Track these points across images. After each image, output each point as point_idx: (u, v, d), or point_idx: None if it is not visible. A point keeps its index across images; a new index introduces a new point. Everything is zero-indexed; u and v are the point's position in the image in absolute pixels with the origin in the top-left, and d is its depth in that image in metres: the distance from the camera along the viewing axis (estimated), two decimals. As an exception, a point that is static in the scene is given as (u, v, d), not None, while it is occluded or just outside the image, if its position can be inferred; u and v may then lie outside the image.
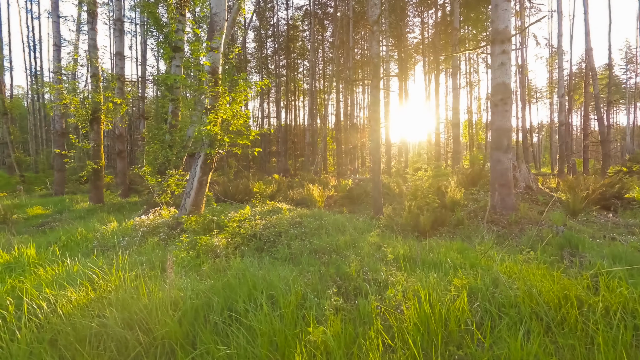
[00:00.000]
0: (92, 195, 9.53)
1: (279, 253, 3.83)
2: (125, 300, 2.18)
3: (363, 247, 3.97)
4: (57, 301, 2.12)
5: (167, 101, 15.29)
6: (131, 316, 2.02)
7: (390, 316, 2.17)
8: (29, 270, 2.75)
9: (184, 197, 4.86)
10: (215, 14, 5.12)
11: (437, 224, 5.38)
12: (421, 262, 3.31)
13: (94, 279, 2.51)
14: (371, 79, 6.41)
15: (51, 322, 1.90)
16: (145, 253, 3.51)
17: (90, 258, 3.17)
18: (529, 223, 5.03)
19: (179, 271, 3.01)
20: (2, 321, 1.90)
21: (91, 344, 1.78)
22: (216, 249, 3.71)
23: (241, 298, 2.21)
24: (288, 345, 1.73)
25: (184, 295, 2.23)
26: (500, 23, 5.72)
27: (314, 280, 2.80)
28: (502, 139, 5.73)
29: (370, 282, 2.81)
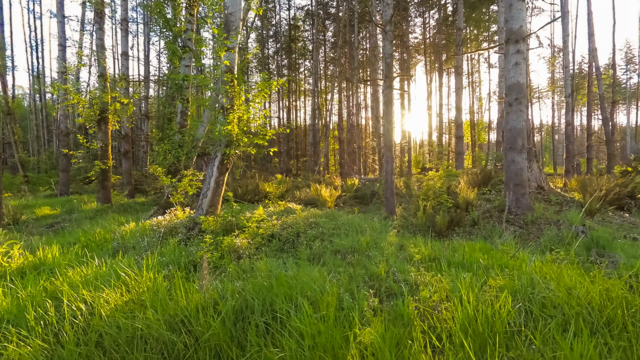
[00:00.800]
0: (99, 195, 9.50)
1: (300, 253, 3.81)
2: (164, 302, 2.16)
3: (384, 247, 3.96)
4: (94, 302, 2.10)
5: (170, 101, 15.25)
6: (171, 318, 2.00)
7: (430, 317, 2.16)
8: (57, 271, 2.73)
9: (200, 197, 4.84)
10: (231, 14, 5.10)
11: (452, 224, 5.37)
12: (447, 263, 3.30)
13: (126, 280, 2.49)
14: (384, 78, 6.39)
15: (93, 324, 1.88)
16: (168, 254, 3.48)
17: (115, 259, 3.14)
18: (546, 223, 5.02)
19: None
20: (43, 323, 1.88)
21: (138, 345, 1.76)
22: (238, 249, 3.69)
23: (279, 299, 2.19)
24: (337, 347, 1.71)
25: (222, 297, 2.21)
26: (515, 23, 5.71)
27: (344, 281, 2.78)
28: (517, 138, 5.73)
29: (400, 282, 2.80)
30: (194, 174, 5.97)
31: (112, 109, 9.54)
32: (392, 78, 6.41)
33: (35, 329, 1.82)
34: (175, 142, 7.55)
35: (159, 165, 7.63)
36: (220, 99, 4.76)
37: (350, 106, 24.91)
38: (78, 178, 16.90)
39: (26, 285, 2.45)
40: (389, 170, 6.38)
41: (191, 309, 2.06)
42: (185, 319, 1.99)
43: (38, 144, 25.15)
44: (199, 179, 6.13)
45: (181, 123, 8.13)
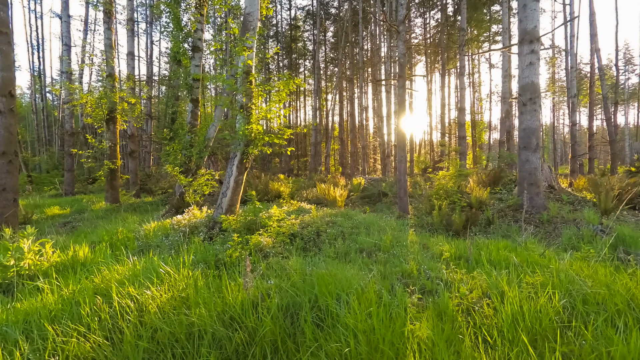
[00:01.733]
0: (108, 195, 9.49)
1: (325, 252, 3.84)
2: (208, 298, 2.18)
3: (408, 245, 3.99)
4: (142, 299, 2.12)
5: (173, 101, 15.23)
6: (220, 314, 2.02)
7: (473, 313, 2.19)
8: (95, 269, 2.74)
9: (220, 196, 4.85)
10: (249, 14, 5.12)
11: (468, 223, 5.41)
12: (474, 261, 3.34)
13: (164, 277, 2.51)
14: (397, 78, 6.43)
15: (148, 319, 1.90)
16: (195, 252, 3.50)
17: (144, 257, 3.15)
18: (562, 222, 5.06)
19: (236, 270, 3.02)
20: (97, 320, 1.90)
21: (196, 340, 1.78)
22: (264, 248, 3.71)
23: (322, 296, 2.21)
24: (396, 342, 1.74)
25: (266, 294, 2.23)
26: (529, 23, 5.76)
27: (378, 278, 2.81)
28: (531, 138, 5.78)
29: (432, 280, 2.83)
30: (210, 173, 5.98)
31: (120, 109, 9.53)
32: (405, 78, 6.45)
33: (91, 326, 1.83)
34: (186, 142, 7.56)
35: (170, 165, 7.64)
36: (240, 98, 4.78)
37: (352, 106, 24.96)
38: (82, 178, 16.85)
39: (67, 282, 2.46)
40: (402, 170, 6.41)
41: (238, 305, 2.08)
42: (236, 315, 2.01)
43: (39, 144, 25.03)
44: (214, 178, 6.13)
45: (191, 123, 8.14)
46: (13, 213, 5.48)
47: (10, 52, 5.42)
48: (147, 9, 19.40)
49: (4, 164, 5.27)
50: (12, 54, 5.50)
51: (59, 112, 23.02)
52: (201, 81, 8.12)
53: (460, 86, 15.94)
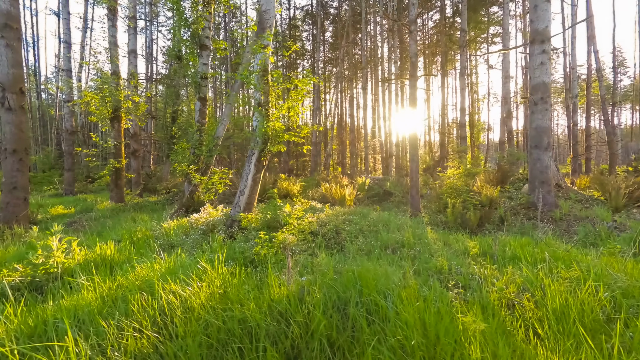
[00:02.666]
0: (113, 194, 9.38)
1: (349, 249, 3.85)
2: (251, 295, 2.18)
3: (430, 243, 4.02)
4: (186, 295, 2.10)
5: (174, 100, 15.11)
6: (268, 309, 2.02)
7: (514, 307, 2.22)
8: (127, 267, 2.72)
9: (237, 194, 4.83)
10: (266, 11, 5.11)
11: (482, 221, 5.46)
12: (499, 257, 3.37)
13: (201, 274, 2.50)
14: (409, 77, 6.46)
15: (201, 315, 1.89)
16: (220, 250, 3.48)
17: (174, 255, 3.13)
18: (575, 220, 5.13)
19: (267, 268, 3.01)
20: (146, 315, 1.89)
21: (250, 337, 1.77)
22: (289, 245, 3.71)
23: (367, 291, 2.22)
24: (455, 335, 1.75)
25: (310, 289, 2.23)
26: (540, 23, 5.83)
27: (410, 274, 2.82)
28: (542, 137, 5.85)
29: (464, 275, 2.85)
30: (224, 172, 5.95)
31: (125, 107, 9.44)
32: (417, 77, 6.49)
33: (142, 322, 1.82)
34: (195, 141, 7.51)
35: (178, 164, 7.59)
36: (259, 96, 4.77)
37: (351, 106, 25.00)
38: (80, 177, 16.64)
39: (104, 279, 2.43)
40: (414, 169, 6.44)
41: (284, 300, 2.08)
42: (283, 310, 2.01)
43: (34, 143, 24.67)
44: (228, 177, 6.10)
45: (199, 121, 8.09)
46: (23, 211, 5.41)
47: (20, 49, 5.34)
48: (146, 6, 19.23)
49: (15, 162, 5.20)
50: (22, 50, 5.42)
51: (55, 111, 22.72)
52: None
53: (461, 86, 16.07)
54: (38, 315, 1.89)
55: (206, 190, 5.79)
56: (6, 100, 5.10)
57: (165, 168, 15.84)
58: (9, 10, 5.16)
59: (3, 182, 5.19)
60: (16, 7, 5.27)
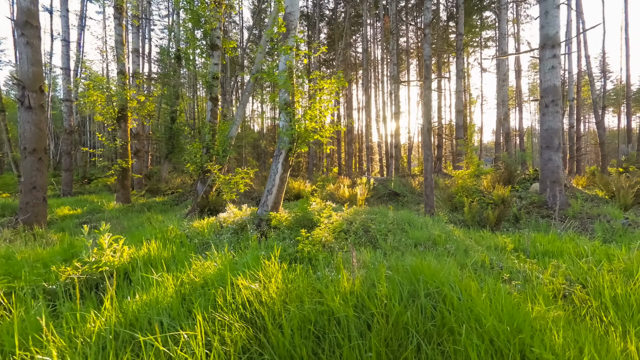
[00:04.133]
0: (119, 195, 9.26)
1: (384, 246, 3.94)
2: (319, 290, 2.25)
3: (458, 240, 4.15)
4: (260, 291, 2.16)
5: (174, 100, 14.97)
6: (345, 303, 2.09)
7: (567, 296, 2.35)
8: (184, 263, 2.75)
9: (265, 194, 4.88)
10: (290, 13, 5.17)
11: (499, 219, 5.63)
12: (532, 252, 3.52)
13: (262, 270, 2.55)
14: (424, 80, 6.60)
15: (277, 309, 1.95)
16: (257, 248, 3.53)
17: (223, 253, 3.16)
18: (587, 217, 5.35)
19: (311, 265, 3.08)
20: (232, 309, 1.94)
21: (342, 329, 1.84)
22: (327, 243, 3.78)
23: (431, 283, 2.31)
24: (527, 322, 1.86)
25: (375, 283, 2.31)
26: (551, 29, 6.06)
27: (456, 268, 2.93)
28: (553, 138, 6.07)
29: (506, 269, 2.98)
30: (245, 171, 5.97)
31: (132, 107, 9.34)
32: (431, 80, 6.64)
33: (229, 316, 1.87)
34: (208, 141, 7.50)
35: (191, 163, 7.56)
36: (287, 97, 4.83)
37: (349, 108, 25.19)
38: (76, 178, 16.28)
39: (164, 276, 2.46)
40: (429, 169, 6.59)
41: (356, 293, 2.15)
42: (357, 303, 2.08)
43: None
44: (241, 177, 6.12)
45: (211, 121, 8.07)
46: (42, 212, 5.33)
47: (40, 47, 5.27)
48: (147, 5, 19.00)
49: (35, 161, 5.11)
50: (41, 48, 5.34)
51: (48, 110, 22.18)
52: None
53: (458, 89, 16.42)
54: (126, 310, 1.92)
55: (228, 190, 5.80)
56: (26, 99, 5.02)
57: (164, 168, 15.65)
58: (29, 7, 5.09)
59: (22, 182, 5.10)
60: (35, 5, 5.20)
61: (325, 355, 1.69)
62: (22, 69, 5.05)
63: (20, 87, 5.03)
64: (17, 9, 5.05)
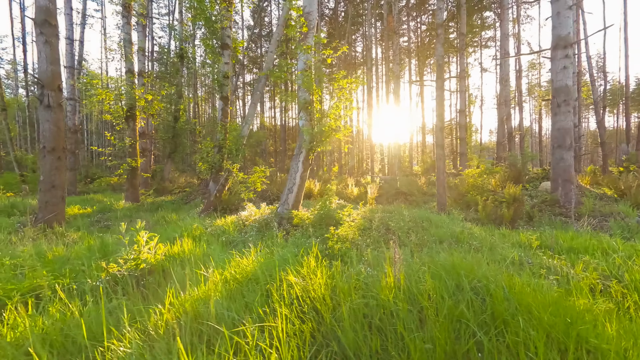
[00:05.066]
0: (128, 194, 9.24)
1: (408, 243, 4.00)
2: (366, 284, 2.30)
3: (480, 237, 4.21)
4: (309, 286, 2.21)
5: (177, 99, 14.93)
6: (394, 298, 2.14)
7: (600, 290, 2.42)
8: (224, 260, 2.78)
9: (285, 192, 4.92)
10: (309, 13, 5.21)
11: (514, 217, 5.71)
12: (556, 249, 3.59)
13: (298, 267, 2.59)
14: (436, 79, 6.67)
15: (326, 304, 2.00)
16: (290, 245, 3.57)
17: (258, 250, 3.20)
18: (601, 215, 5.45)
19: (348, 262, 3.13)
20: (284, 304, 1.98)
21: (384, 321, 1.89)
22: (354, 240, 3.83)
23: (471, 277, 2.37)
24: (575, 315, 1.92)
25: (417, 278, 2.37)
26: (563, 29, 6.15)
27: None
28: (565, 137, 6.17)
29: (535, 265, 3.05)
30: (262, 170, 6.00)
31: (140, 106, 9.32)
32: (444, 79, 6.71)
33: (282, 310, 1.91)
34: (221, 140, 7.52)
35: (203, 162, 7.58)
36: (307, 96, 4.87)
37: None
38: (79, 177, 16.19)
39: (215, 273, 2.49)
40: (441, 168, 6.66)
41: (402, 288, 2.20)
42: (405, 298, 2.13)
43: (25, 142, 23.82)
44: (260, 176, 6.15)
45: (222, 120, 8.09)
46: (61, 210, 5.33)
47: (58, 46, 5.26)
48: (148, 3, 18.91)
49: (54, 160, 5.11)
50: (58, 47, 5.34)
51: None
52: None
53: (460, 89, 16.54)
54: (183, 304, 1.96)
55: (245, 189, 5.83)
56: (45, 98, 5.02)
57: (166, 167, 15.62)
58: (48, 6, 5.08)
59: (41, 181, 5.09)
60: (54, 3, 5.19)
61: (390, 345, 1.74)
62: (40, 67, 5.04)
63: (40, 85, 5.02)
64: (35, 8, 5.05)
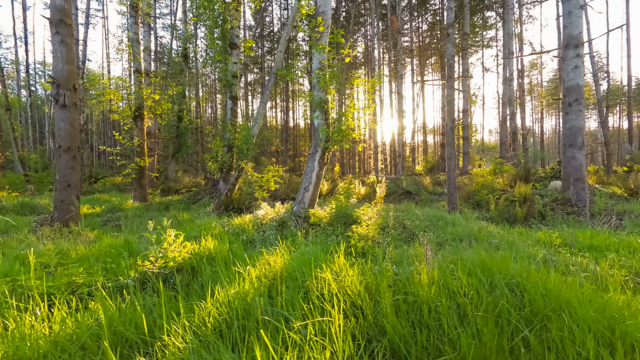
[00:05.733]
0: (136, 194, 9.24)
1: (429, 241, 4.02)
2: (401, 281, 2.31)
3: (497, 235, 4.24)
4: (344, 282, 2.22)
5: (180, 99, 14.93)
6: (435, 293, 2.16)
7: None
8: (252, 259, 2.80)
9: (301, 191, 4.93)
10: (324, 12, 5.23)
11: (527, 215, 5.74)
12: (576, 246, 3.62)
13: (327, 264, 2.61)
14: (447, 79, 6.70)
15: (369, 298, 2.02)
16: (317, 243, 3.59)
17: (284, 246, 3.21)
18: (615, 214, 5.48)
19: (372, 259, 3.15)
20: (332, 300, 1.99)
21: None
22: (373, 239, 3.85)
23: (509, 275, 2.39)
24: (617, 310, 1.94)
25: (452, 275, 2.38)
26: (575, 29, 6.18)
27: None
28: (577, 136, 6.20)
29: (560, 262, 3.07)
30: (276, 170, 6.02)
31: (149, 105, 9.33)
32: (454, 79, 6.74)
33: (326, 305, 1.93)
34: (232, 139, 7.52)
35: (213, 162, 7.59)
36: (323, 95, 4.88)
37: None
38: (82, 177, 16.16)
39: (249, 270, 2.51)
40: (452, 167, 6.68)
41: (439, 284, 2.22)
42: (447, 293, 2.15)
43: (28, 142, 23.78)
44: (275, 175, 6.16)
45: (231, 120, 8.10)
46: (76, 210, 5.33)
47: (73, 45, 5.26)
48: (154, 2, 18.92)
49: (69, 159, 5.11)
50: (74, 46, 5.34)
51: (50, 109, 21.99)
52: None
53: (463, 88, 16.56)
54: (223, 300, 1.97)
55: (259, 188, 5.85)
56: (61, 97, 5.02)
57: (170, 167, 15.63)
58: (63, 5, 5.08)
59: (57, 180, 5.09)
60: (69, 3, 5.19)
61: (435, 340, 1.75)
62: (56, 67, 5.04)
63: (55, 85, 5.03)
64: (51, 7, 5.05)
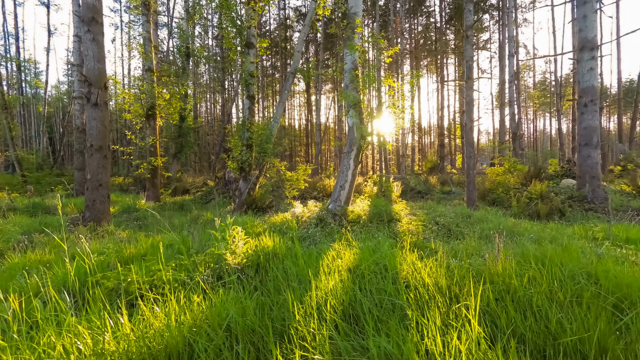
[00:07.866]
0: (149, 193, 9.16)
1: (465, 238, 4.14)
2: (480, 273, 2.41)
3: (532, 230, 4.39)
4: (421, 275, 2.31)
5: (183, 98, 14.81)
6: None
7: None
8: (321, 255, 2.86)
9: (337, 189, 5.00)
10: (355, 13, 5.32)
11: (550, 212, 5.93)
12: (614, 240, 3.79)
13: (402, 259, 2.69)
14: (466, 80, 6.86)
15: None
16: (356, 239, 3.67)
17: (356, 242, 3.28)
18: (633, 210, 5.71)
19: (430, 253, 3.24)
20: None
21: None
22: (419, 234, 3.95)
23: (577, 268, 2.51)
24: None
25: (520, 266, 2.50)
26: (590, 32, 6.42)
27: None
28: (592, 136, 6.43)
29: (605, 255, 3.22)
30: (304, 168, 6.07)
31: (161, 104, 9.25)
32: (473, 79, 6.90)
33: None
34: (255, 138, 7.54)
35: (233, 161, 7.60)
36: (357, 95, 4.96)
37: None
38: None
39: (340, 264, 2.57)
40: (471, 166, 6.85)
41: (513, 275, 2.33)
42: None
43: (22, 141, 23.18)
44: (299, 175, 6.21)
45: (249, 119, 8.11)
46: (107, 209, 5.29)
47: (104, 43, 5.22)
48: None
49: (100, 158, 5.07)
50: (104, 45, 5.30)
51: (44, 108, 21.50)
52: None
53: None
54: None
55: (289, 186, 5.90)
56: (92, 96, 4.98)
57: (172, 167, 15.48)
58: (94, 4, 5.04)
59: (89, 180, 5.04)
60: (100, 2, 5.15)
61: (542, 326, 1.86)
62: (88, 65, 5.00)
63: (87, 84, 4.98)
64: (82, 6, 5.01)
